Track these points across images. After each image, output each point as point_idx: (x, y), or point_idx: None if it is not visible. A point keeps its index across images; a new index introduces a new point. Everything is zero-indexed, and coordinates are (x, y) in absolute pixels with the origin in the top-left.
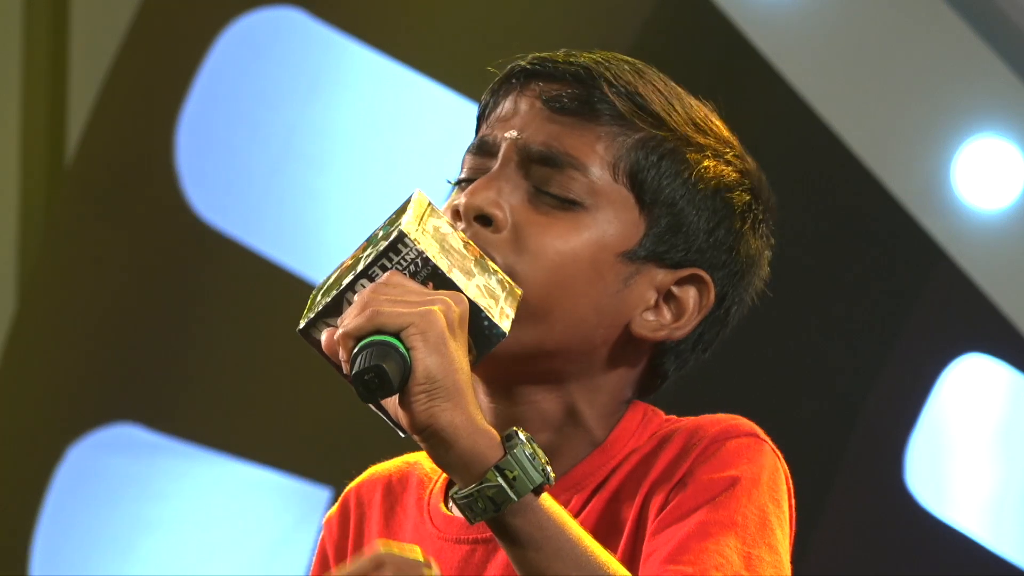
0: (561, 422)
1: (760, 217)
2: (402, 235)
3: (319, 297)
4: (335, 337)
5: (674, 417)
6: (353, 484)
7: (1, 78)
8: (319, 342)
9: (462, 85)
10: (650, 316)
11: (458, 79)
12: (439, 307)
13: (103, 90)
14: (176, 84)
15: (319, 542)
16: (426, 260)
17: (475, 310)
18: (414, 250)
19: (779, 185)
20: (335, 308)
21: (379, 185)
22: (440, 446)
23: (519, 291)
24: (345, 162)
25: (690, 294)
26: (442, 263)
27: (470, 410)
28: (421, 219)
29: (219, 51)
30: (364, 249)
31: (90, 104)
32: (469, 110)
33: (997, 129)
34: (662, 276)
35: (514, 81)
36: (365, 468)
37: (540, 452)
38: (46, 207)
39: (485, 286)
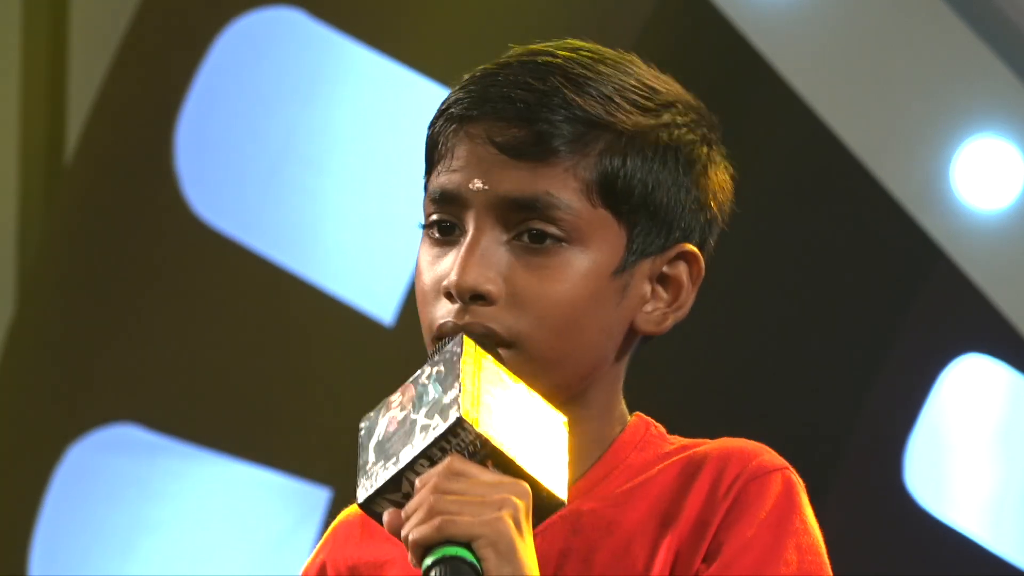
0: (572, 426)
1: (717, 157)
2: (460, 420)
3: (371, 456)
4: (403, 537)
5: (679, 437)
6: (339, 519)
7: (1, 78)
8: (379, 515)
9: None
10: (649, 308)
11: (458, 79)
12: (507, 512)
13: (103, 90)
14: (176, 84)
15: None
16: (485, 442)
17: (535, 483)
18: (472, 432)
19: (779, 185)
20: (394, 485)
21: (379, 185)
22: None
23: (564, 417)
24: (344, 163)
25: (681, 269)
26: (499, 442)
27: None
28: (475, 382)
29: (219, 51)
30: (413, 403)
31: (90, 104)
32: None
33: (997, 129)
34: (651, 265)
35: (455, 126)
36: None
37: None
38: (46, 207)
39: (539, 441)
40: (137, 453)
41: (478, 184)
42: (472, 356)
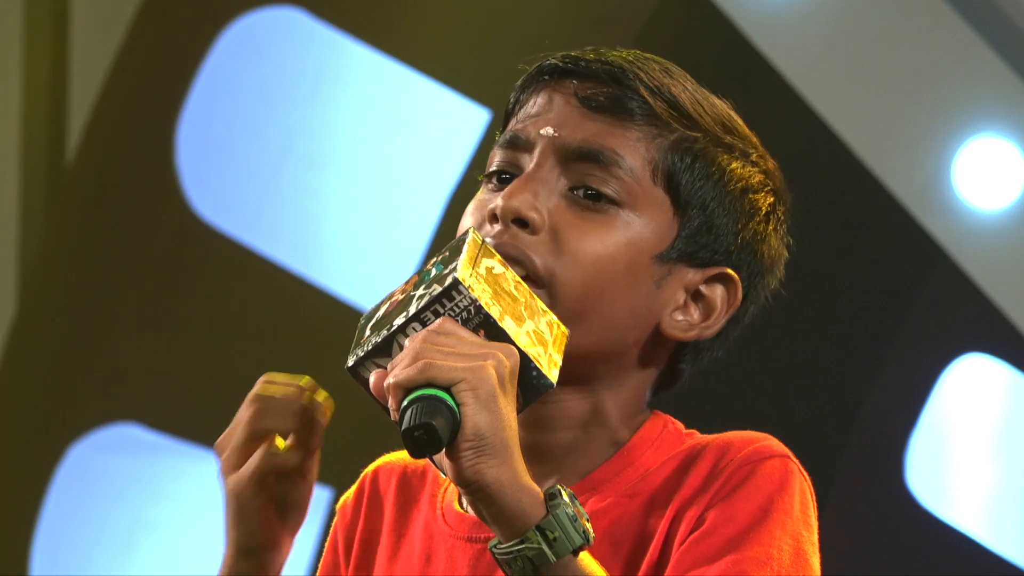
0: (586, 421)
1: (781, 219)
2: (456, 282)
3: (368, 332)
4: (385, 385)
5: (695, 432)
6: (370, 468)
7: (1, 78)
8: (367, 381)
9: (462, 85)
10: (679, 316)
11: (458, 79)
12: (491, 362)
13: (103, 90)
14: (176, 84)
15: (332, 528)
16: (479, 308)
17: (524, 359)
18: (468, 297)
19: None
20: (385, 349)
21: (379, 185)
22: (484, 501)
23: (565, 330)
24: (345, 162)
25: (718, 293)
26: (494, 311)
27: (516, 467)
28: (475, 262)
29: (219, 51)
30: (415, 285)
31: (90, 104)
32: (470, 110)
33: (997, 129)
34: (691, 276)
35: (546, 78)
36: (365, 468)
37: (582, 511)
38: (46, 207)
39: (535, 331)
40: (137, 453)
41: (549, 130)
42: (480, 244)
